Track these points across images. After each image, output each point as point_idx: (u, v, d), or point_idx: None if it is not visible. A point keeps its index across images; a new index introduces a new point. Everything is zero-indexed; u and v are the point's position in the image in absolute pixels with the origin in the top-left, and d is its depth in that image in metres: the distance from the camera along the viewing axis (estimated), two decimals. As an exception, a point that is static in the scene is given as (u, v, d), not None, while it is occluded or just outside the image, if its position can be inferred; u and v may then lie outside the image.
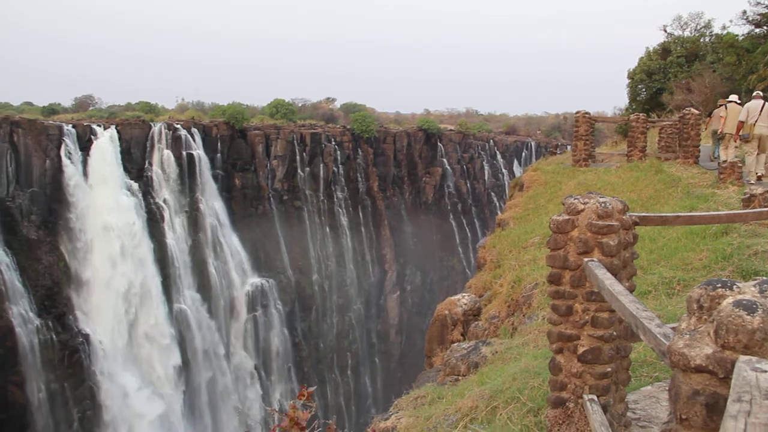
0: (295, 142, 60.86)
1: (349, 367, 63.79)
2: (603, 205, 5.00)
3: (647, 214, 5.65)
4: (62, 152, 45.43)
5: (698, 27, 45.17)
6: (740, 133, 18.04)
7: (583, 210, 5.05)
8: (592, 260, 4.90)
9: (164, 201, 50.40)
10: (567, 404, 5.20)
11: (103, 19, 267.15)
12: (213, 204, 54.08)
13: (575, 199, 5.16)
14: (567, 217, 5.10)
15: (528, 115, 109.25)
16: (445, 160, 77.33)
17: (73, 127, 47.34)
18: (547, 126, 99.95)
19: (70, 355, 42.82)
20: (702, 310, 2.57)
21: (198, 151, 53.04)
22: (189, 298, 50.80)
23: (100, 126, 48.82)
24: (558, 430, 5.23)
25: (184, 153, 51.77)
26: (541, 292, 11.32)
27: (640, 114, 26.77)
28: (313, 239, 62.29)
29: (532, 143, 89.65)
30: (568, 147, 48.79)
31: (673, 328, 3.00)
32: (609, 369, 5.08)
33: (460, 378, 9.53)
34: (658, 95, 41.16)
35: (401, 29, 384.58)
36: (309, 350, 60.26)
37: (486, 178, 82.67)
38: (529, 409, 6.48)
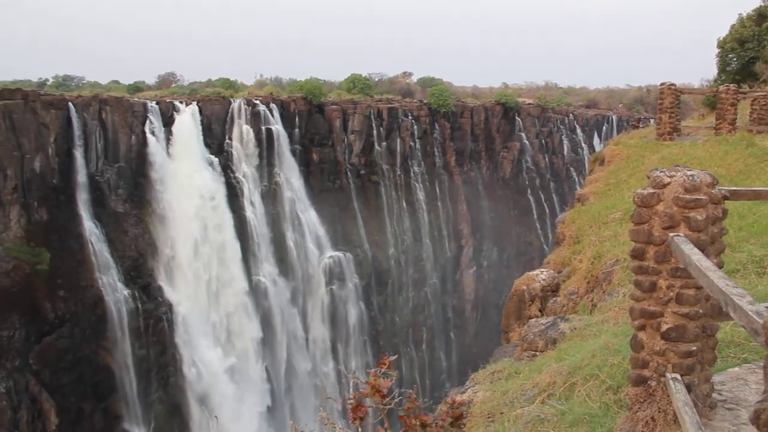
0: (372, 116, 61.05)
1: (424, 341, 64.16)
2: (690, 178, 4.83)
3: (738, 188, 5.43)
4: (147, 128, 46.87)
5: (802, -12, 42.57)
6: None
7: (669, 183, 4.89)
8: (678, 235, 4.75)
9: (244, 175, 51.49)
10: (649, 383, 5.08)
11: (186, 7, 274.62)
12: (291, 178, 54.93)
13: (661, 171, 5.01)
14: (652, 190, 4.95)
15: (609, 88, 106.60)
16: (523, 134, 76.20)
17: (157, 103, 48.73)
18: (629, 99, 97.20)
19: (155, 324, 44.58)
20: (800, 286, 2.46)
21: (276, 126, 53.81)
22: (268, 271, 51.96)
23: (182, 102, 50.09)
24: (639, 408, 5.12)
25: (262, 128, 52.65)
26: (623, 268, 11.08)
27: (731, 85, 25.67)
28: (389, 214, 62.62)
29: (614, 117, 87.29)
30: (652, 120, 47.30)
31: (767, 307, 2.89)
32: (694, 348, 4.94)
33: (537, 354, 9.47)
34: (750, 65, 39.15)
35: (479, 1, 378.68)
36: (384, 324, 60.87)
37: (565, 152, 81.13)
38: (609, 386, 6.38)
